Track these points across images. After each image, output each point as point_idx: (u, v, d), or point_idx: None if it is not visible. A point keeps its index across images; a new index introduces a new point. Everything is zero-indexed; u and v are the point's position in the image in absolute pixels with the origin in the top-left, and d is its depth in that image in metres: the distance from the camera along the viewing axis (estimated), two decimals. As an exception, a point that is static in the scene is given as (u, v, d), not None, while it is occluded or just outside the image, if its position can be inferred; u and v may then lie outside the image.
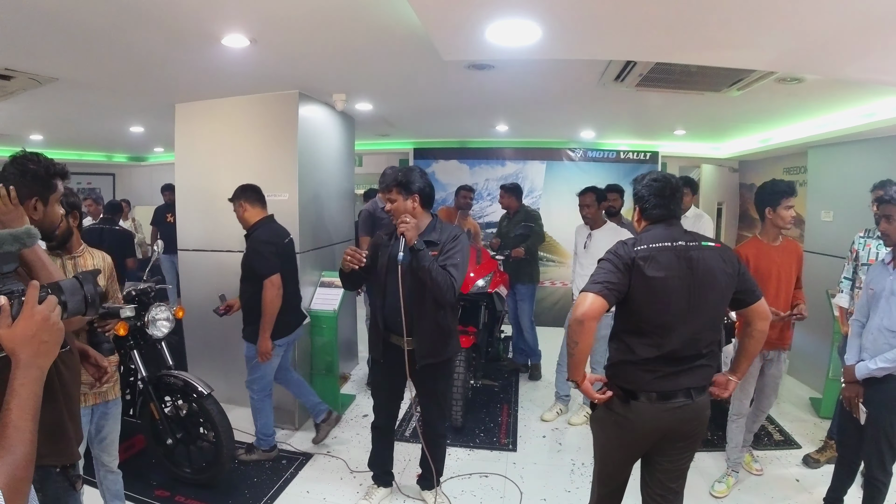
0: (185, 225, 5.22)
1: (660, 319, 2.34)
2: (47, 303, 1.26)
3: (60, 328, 1.28)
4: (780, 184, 3.58)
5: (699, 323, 2.35)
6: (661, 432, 2.42)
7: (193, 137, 5.10)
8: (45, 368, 1.23)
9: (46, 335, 1.23)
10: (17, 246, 1.28)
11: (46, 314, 1.24)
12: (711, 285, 2.35)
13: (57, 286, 1.37)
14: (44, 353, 1.22)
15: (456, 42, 2.91)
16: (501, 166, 8.53)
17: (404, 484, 3.85)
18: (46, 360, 1.24)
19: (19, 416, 1.14)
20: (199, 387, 3.60)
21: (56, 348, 1.26)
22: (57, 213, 2.11)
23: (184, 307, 4.15)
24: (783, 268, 3.62)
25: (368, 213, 5.34)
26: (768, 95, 4.41)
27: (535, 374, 6.10)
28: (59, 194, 2.08)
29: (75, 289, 1.42)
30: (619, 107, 5.35)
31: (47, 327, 1.23)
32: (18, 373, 1.18)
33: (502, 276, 5.59)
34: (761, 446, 4.39)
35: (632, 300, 2.35)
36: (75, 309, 1.42)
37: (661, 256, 2.33)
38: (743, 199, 8.41)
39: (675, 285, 2.31)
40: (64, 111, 5.46)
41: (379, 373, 3.51)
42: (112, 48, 3.47)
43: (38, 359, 1.21)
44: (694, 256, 2.35)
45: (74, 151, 9.28)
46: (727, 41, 2.79)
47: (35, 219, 1.93)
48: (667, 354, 2.34)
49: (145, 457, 4.06)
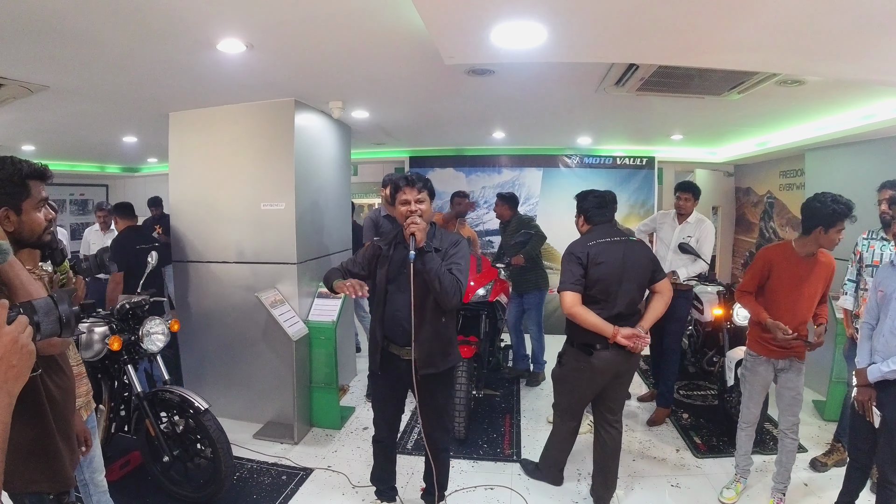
0: (179, 236, 5.13)
1: (607, 291, 3.33)
2: (17, 323, 1.16)
3: (31, 351, 1.17)
4: (840, 204, 3.27)
5: (632, 291, 3.39)
6: (613, 371, 3.43)
7: (188, 146, 5.03)
8: (14, 394, 1.13)
9: (15, 359, 1.12)
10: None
11: (14, 336, 1.14)
12: (636, 266, 3.41)
13: (29, 305, 1.28)
14: (12, 378, 1.12)
15: (459, 45, 2.86)
16: (498, 174, 8.49)
17: (408, 498, 3.77)
18: (15, 386, 1.13)
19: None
20: (196, 402, 3.52)
21: (26, 372, 1.16)
22: (37, 220, 1.94)
23: (178, 320, 4.07)
24: (807, 281, 3.46)
25: (372, 220, 5.28)
26: (768, 98, 4.38)
27: (533, 380, 6.05)
28: (36, 199, 1.93)
29: (49, 308, 1.32)
30: (618, 112, 5.32)
31: (15, 350, 1.13)
32: None
33: (503, 285, 5.54)
34: (766, 450, 4.35)
35: (588, 280, 3.33)
36: (49, 330, 1.31)
37: (604, 248, 3.36)
38: (739, 204, 8.40)
39: (615, 268, 3.34)
40: (56, 120, 5.38)
41: (379, 385, 3.41)
42: (103, 54, 3.40)
43: (6, 384, 1.11)
44: (625, 247, 3.41)
45: (67, 162, 9.18)
46: (734, 43, 2.75)
47: (8, 230, 1.83)
48: (614, 315, 3.33)
49: (141, 474, 3.96)
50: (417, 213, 3.06)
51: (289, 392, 4.67)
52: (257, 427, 4.85)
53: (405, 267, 3.03)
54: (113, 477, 3.54)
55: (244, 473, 4.13)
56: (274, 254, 4.82)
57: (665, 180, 8.31)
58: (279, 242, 4.79)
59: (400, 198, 3.11)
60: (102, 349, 3.57)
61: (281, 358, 4.77)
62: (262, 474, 4.14)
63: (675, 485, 3.94)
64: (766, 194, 7.37)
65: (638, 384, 5.95)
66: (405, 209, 3.08)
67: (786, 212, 6.88)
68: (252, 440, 4.65)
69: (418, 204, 3.08)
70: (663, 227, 5.06)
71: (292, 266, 4.80)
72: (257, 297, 4.60)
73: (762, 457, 4.25)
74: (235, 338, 4.98)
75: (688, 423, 4.89)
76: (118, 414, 3.87)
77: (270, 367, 4.87)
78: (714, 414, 4.97)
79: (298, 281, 4.82)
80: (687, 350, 5.55)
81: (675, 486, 3.92)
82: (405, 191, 3.10)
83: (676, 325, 4.93)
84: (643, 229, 5.49)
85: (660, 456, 4.36)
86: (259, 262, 4.87)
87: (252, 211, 4.81)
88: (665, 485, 3.95)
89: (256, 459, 4.35)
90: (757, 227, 7.64)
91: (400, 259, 3.13)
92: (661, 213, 5.38)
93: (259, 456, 4.39)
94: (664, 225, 5.05)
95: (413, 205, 3.07)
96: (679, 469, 4.16)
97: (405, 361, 3.15)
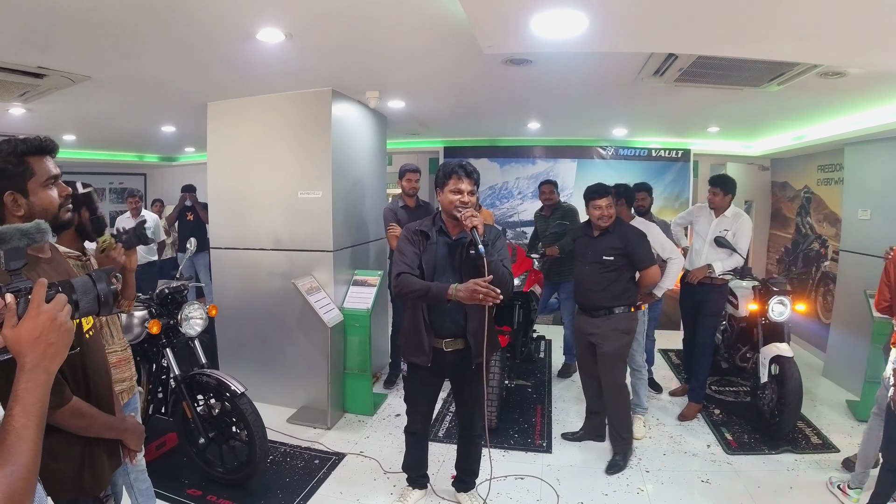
0: (217, 223, 5.24)
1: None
2: (55, 302, 1.17)
3: (69, 329, 1.19)
4: None
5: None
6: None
7: (226, 136, 5.11)
8: (52, 372, 1.15)
9: (53, 336, 1.14)
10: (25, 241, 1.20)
11: (53, 314, 1.15)
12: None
13: (68, 284, 1.29)
14: (50, 356, 1.14)
15: (499, 34, 2.86)
16: (532, 164, 8.46)
17: (439, 486, 3.80)
18: (54, 363, 1.15)
19: (23, 424, 1.06)
20: (232, 385, 3.58)
21: (65, 351, 1.18)
22: (48, 199, 1.81)
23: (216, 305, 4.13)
24: None
25: (392, 212, 5.26)
26: (807, 91, 4.29)
27: (564, 372, 6.04)
28: (42, 176, 1.79)
29: (87, 287, 1.32)
30: (654, 103, 5.26)
31: (54, 328, 1.14)
32: (23, 376, 1.10)
33: (537, 276, 5.54)
34: (798, 449, 4.28)
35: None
36: (87, 309, 1.32)
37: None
38: (775, 198, 8.23)
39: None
40: (96, 111, 5.49)
41: (416, 378, 3.35)
42: (145, 45, 3.47)
43: (44, 361, 1.12)
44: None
45: (107, 152, 9.37)
46: (776, 33, 2.71)
47: (18, 214, 1.74)
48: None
49: (177, 455, 4.06)
50: (470, 204, 3.03)
51: (323, 378, 4.73)
52: (291, 412, 4.93)
53: (453, 258, 3.03)
54: (149, 457, 3.62)
55: (277, 457, 4.21)
56: (310, 241, 4.88)
57: (700, 173, 8.19)
58: (316, 230, 4.85)
59: (452, 186, 3.04)
60: (142, 332, 3.65)
61: (315, 344, 4.83)
62: (295, 458, 4.21)
63: (706, 480, 3.90)
64: (804, 189, 7.22)
65: (670, 378, 5.92)
66: (457, 199, 3.02)
67: (823, 207, 6.73)
68: (286, 424, 4.72)
69: (469, 196, 3.05)
70: (700, 220, 4.99)
71: (328, 254, 4.85)
72: (294, 283, 4.66)
73: (794, 456, 4.18)
74: (271, 323, 5.06)
75: (719, 419, 4.84)
76: (156, 396, 3.96)
77: (305, 352, 4.94)
78: (746, 410, 4.91)
79: (334, 268, 4.88)
80: (720, 345, 5.49)
81: (706, 482, 3.88)
82: (462, 180, 3.03)
83: (710, 320, 4.89)
84: (679, 222, 5.44)
85: (690, 451, 4.32)
86: (296, 249, 4.94)
87: (289, 199, 4.88)
88: (695, 480, 3.91)
89: (290, 443, 4.42)
90: (793, 222, 7.50)
91: (446, 249, 3.11)
92: (697, 207, 5.31)
93: (292, 440, 4.47)
94: (700, 218, 4.99)
95: (465, 196, 3.03)
96: (710, 465, 4.12)
97: (448, 353, 3.16)
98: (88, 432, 1.79)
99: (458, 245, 3.09)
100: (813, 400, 5.17)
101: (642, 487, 3.82)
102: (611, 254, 3.97)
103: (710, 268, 4.66)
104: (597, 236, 4.06)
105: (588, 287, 4.07)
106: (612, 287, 3.98)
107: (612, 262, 3.97)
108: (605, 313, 4.01)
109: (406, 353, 3.29)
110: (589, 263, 4.06)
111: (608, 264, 3.97)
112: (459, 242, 3.10)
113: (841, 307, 5.83)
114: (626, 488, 3.82)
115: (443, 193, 3.09)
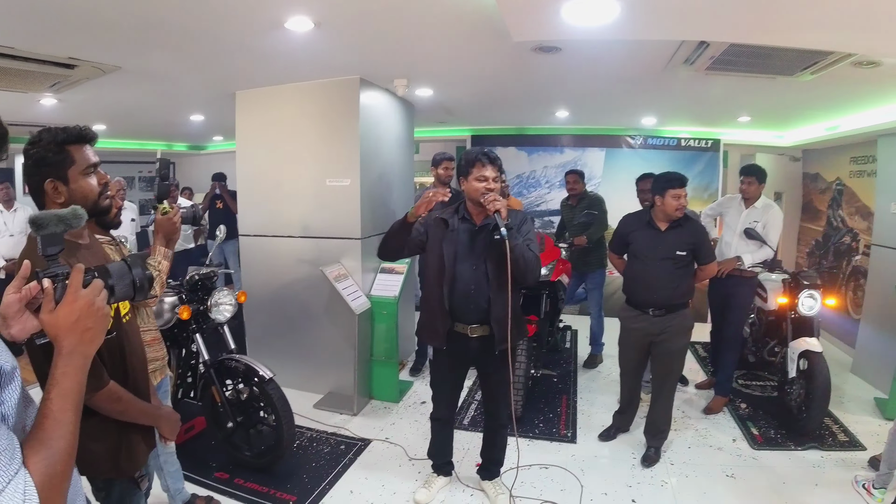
0: (246, 211, 5.30)
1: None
2: (92, 287, 1.18)
3: (106, 314, 1.20)
4: None
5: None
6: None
7: (254, 124, 5.16)
8: (89, 356, 1.16)
9: (91, 321, 1.15)
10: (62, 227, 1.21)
11: (91, 299, 1.16)
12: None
13: (104, 269, 1.30)
14: (88, 340, 1.15)
15: (529, 21, 2.85)
16: (560, 153, 8.40)
17: (463, 474, 3.82)
18: (91, 348, 1.16)
19: (60, 407, 1.07)
20: (260, 371, 3.63)
21: (101, 335, 1.19)
22: (88, 186, 1.87)
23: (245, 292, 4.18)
24: None
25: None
26: (841, 80, 4.21)
27: (591, 363, 6.02)
28: (82, 165, 1.85)
29: (123, 272, 1.34)
30: (684, 92, 5.20)
31: (91, 313, 1.15)
32: (60, 361, 1.11)
33: (565, 265, 5.52)
34: (825, 446, 4.22)
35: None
36: (123, 294, 1.33)
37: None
38: (806, 190, 8.06)
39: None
40: (126, 100, 5.55)
41: (441, 365, 3.39)
42: (174, 35, 3.51)
43: (81, 346, 1.13)
44: None
45: (136, 141, 9.50)
46: (811, 21, 2.66)
47: (59, 202, 1.80)
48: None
49: (205, 439, 4.13)
50: (496, 190, 3.04)
51: (349, 364, 4.77)
52: (317, 397, 4.99)
53: (474, 244, 3.05)
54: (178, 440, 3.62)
55: (304, 442, 4.26)
56: (338, 229, 4.92)
57: (730, 163, 8.08)
58: (344, 218, 4.88)
59: (476, 173, 3.06)
60: (172, 318, 3.70)
61: (343, 331, 4.87)
62: (321, 443, 4.26)
63: (730, 475, 3.87)
64: (836, 181, 7.08)
65: (696, 371, 5.87)
66: (482, 186, 3.03)
67: (855, 200, 6.60)
68: (312, 410, 4.79)
69: (494, 182, 3.06)
70: (729, 211, 4.92)
71: (356, 241, 4.89)
72: (322, 270, 4.70)
73: (820, 453, 4.13)
74: (299, 310, 5.12)
75: (745, 414, 4.79)
76: (185, 380, 4.03)
77: (332, 339, 4.98)
78: (773, 405, 4.84)
79: (362, 256, 4.91)
80: (748, 339, 5.43)
81: (730, 477, 3.85)
82: (486, 167, 3.05)
83: (739, 313, 4.82)
84: (709, 213, 5.36)
85: (715, 445, 4.29)
86: (324, 236, 4.97)
87: (317, 187, 4.91)
88: (720, 475, 3.88)
89: (316, 429, 4.48)
90: (824, 215, 7.37)
91: (467, 236, 3.12)
92: (727, 197, 5.24)
93: (319, 425, 4.53)
94: (730, 209, 4.91)
95: (490, 182, 3.03)
96: (735, 459, 4.08)
97: (473, 339, 3.17)
98: (124, 416, 1.83)
99: (481, 231, 3.10)
100: (841, 396, 5.09)
101: (666, 480, 3.81)
102: (684, 249, 3.81)
103: (740, 260, 4.61)
104: (665, 230, 3.88)
105: (660, 285, 3.82)
106: (683, 284, 3.86)
107: (683, 257, 3.81)
108: (675, 311, 3.87)
109: (422, 335, 3.35)
110: (660, 260, 3.82)
111: (680, 260, 3.82)
112: (484, 228, 3.11)
113: (871, 303, 5.71)
114: (650, 480, 3.81)
115: (467, 182, 3.11)
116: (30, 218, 1.21)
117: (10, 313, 1.14)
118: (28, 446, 1.00)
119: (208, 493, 3.54)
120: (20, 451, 0.97)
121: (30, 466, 0.97)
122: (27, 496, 0.92)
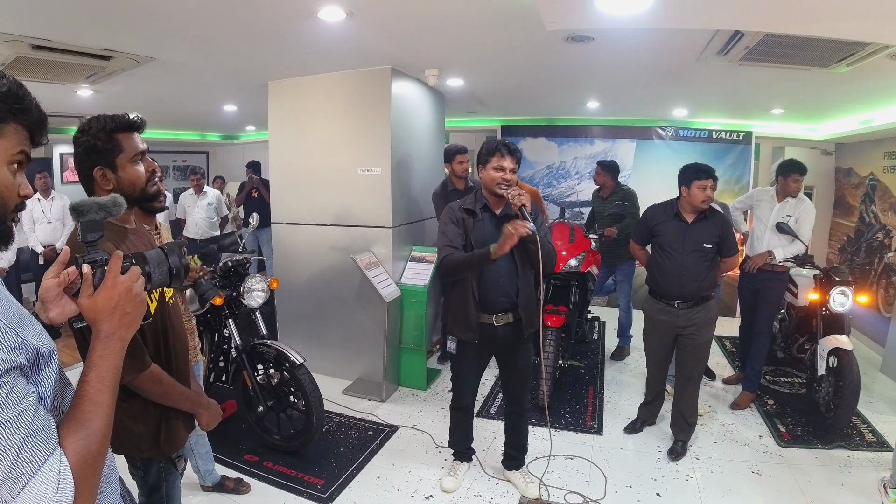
0: (278, 199, 5.38)
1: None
2: (130, 273, 1.22)
3: (143, 300, 1.24)
4: None
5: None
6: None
7: (287, 114, 5.22)
8: (127, 340, 1.20)
9: (129, 306, 1.18)
10: (102, 214, 1.25)
11: (129, 285, 1.19)
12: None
13: (141, 256, 1.33)
14: (125, 325, 1.18)
15: (563, 10, 2.84)
16: (590, 144, 8.34)
17: (488, 463, 3.86)
18: (128, 332, 1.20)
19: (97, 390, 1.10)
20: (292, 356, 3.68)
21: (138, 321, 1.23)
22: (135, 174, 1.88)
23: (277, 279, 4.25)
24: None
25: (442, 198, 5.07)
26: (877, 73, 4.12)
27: (618, 355, 6.00)
28: (130, 152, 1.86)
29: (160, 260, 1.36)
30: (717, 83, 5.14)
31: (129, 298, 1.19)
32: (98, 344, 1.14)
33: (595, 256, 5.51)
34: (852, 446, 4.17)
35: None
36: (159, 280, 1.36)
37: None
38: (839, 185, 7.88)
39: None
40: (160, 91, 5.64)
41: (466, 355, 3.39)
42: (209, 26, 3.56)
43: (119, 330, 1.16)
44: None
45: (170, 131, 9.67)
46: (848, 11, 2.62)
47: (107, 189, 1.82)
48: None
49: (236, 422, 4.22)
50: (512, 182, 3.09)
51: (379, 351, 4.83)
52: (346, 383, 5.07)
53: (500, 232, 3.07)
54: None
55: (333, 427, 4.33)
56: (370, 217, 4.97)
57: (762, 156, 7.97)
58: (375, 207, 4.93)
59: (494, 163, 3.10)
60: (206, 304, 3.78)
61: (373, 318, 4.93)
62: (349, 428, 4.33)
63: (756, 472, 3.84)
64: (869, 176, 6.94)
65: (724, 366, 5.82)
66: (499, 176, 3.08)
67: (889, 195, 6.45)
68: (341, 396, 4.86)
69: (511, 174, 3.10)
70: (761, 204, 4.85)
71: (387, 230, 4.94)
72: (353, 258, 4.75)
73: (847, 452, 4.08)
74: (329, 297, 5.19)
75: (773, 410, 4.75)
76: (217, 365, 4.12)
77: (362, 326, 5.04)
78: (801, 403, 4.80)
79: (393, 244, 4.96)
80: (777, 334, 5.37)
81: (756, 474, 3.82)
82: (505, 158, 3.08)
83: (769, 308, 4.77)
84: (739, 206, 5.30)
85: (742, 441, 4.26)
86: (355, 225, 5.04)
87: (349, 176, 4.96)
88: (745, 471, 3.86)
89: (345, 414, 4.55)
90: (857, 210, 7.23)
91: (493, 225, 3.15)
92: (758, 190, 5.16)
93: (347, 411, 4.60)
94: (762, 203, 4.85)
95: (507, 173, 3.08)
96: (761, 456, 4.05)
97: (499, 328, 3.21)
98: (165, 400, 1.87)
99: (504, 220, 3.10)
100: (869, 395, 5.00)
101: (692, 475, 3.80)
102: (711, 241, 3.80)
103: (771, 254, 4.56)
104: (692, 222, 3.86)
105: (689, 278, 3.81)
106: (709, 276, 3.85)
107: (710, 249, 3.80)
108: (701, 303, 3.87)
109: (454, 331, 3.33)
110: (689, 252, 3.81)
111: (707, 253, 3.81)
112: (506, 217, 3.12)
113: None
114: (675, 474, 3.80)
115: (485, 170, 3.15)
116: (70, 205, 1.25)
117: (49, 297, 1.18)
118: (65, 426, 1.04)
119: (238, 475, 3.61)
120: (56, 431, 1.00)
121: (66, 446, 1.01)
122: (62, 475, 0.96)
